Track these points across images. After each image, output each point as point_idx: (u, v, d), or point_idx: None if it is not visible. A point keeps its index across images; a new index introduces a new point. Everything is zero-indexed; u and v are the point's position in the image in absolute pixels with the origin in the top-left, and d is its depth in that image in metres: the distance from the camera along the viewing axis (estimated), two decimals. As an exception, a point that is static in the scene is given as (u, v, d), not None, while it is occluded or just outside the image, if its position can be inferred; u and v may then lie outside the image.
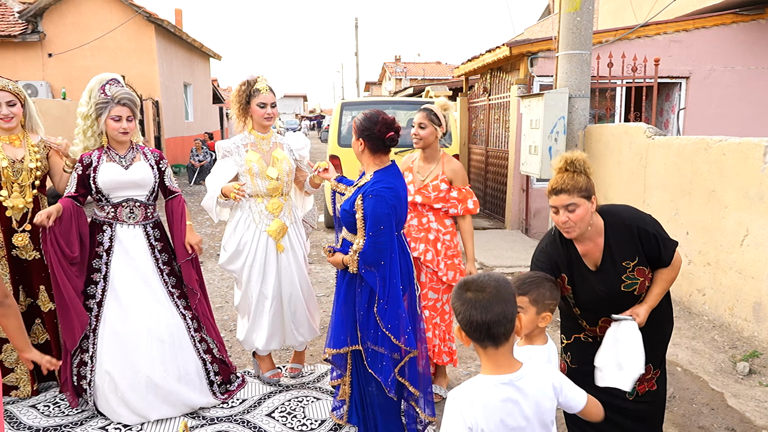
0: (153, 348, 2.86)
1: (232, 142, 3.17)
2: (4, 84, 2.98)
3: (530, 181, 7.49)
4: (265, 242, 3.14)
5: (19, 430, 2.81)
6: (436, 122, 3.06)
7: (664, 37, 7.27)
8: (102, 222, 2.97)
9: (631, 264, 2.15)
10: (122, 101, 2.89)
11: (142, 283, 2.94)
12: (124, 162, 2.96)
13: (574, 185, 2.04)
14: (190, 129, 16.82)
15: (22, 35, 12.78)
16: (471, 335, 1.52)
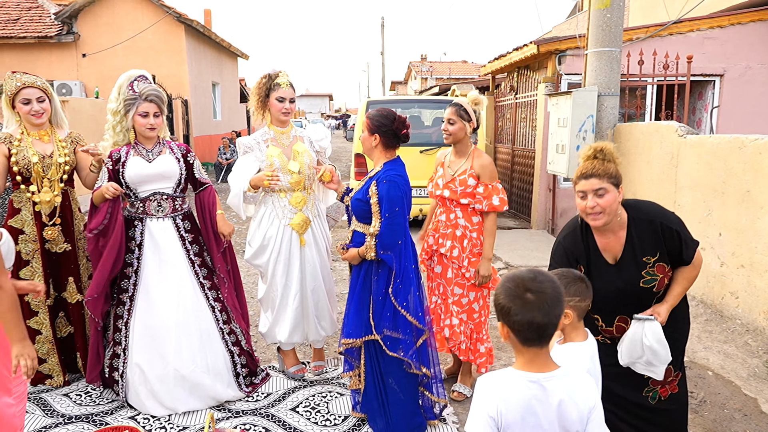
0: (182, 341, 2.92)
1: (252, 138, 3.21)
2: (34, 80, 3.06)
3: (557, 180, 7.40)
4: (289, 236, 3.17)
5: (53, 417, 2.90)
6: (465, 118, 3.03)
7: (697, 33, 7.09)
8: (133, 218, 3.02)
9: (652, 260, 2.12)
10: (149, 97, 2.94)
11: (173, 276, 2.99)
12: (150, 156, 3.01)
13: (605, 170, 2.05)
14: (218, 127, 17.07)
15: (58, 36, 13.14)
16: (522, 335, 1.47)
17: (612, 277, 2.16)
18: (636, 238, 2.12)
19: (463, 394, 3.15)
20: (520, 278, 1.48)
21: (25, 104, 3.02)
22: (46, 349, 3.16)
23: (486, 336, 3.16)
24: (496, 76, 10.64)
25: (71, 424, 2.83)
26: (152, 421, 2.86)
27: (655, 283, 2.14)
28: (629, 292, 2.15)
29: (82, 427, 2.80)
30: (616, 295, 2.17)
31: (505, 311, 1.47)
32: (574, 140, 5.59)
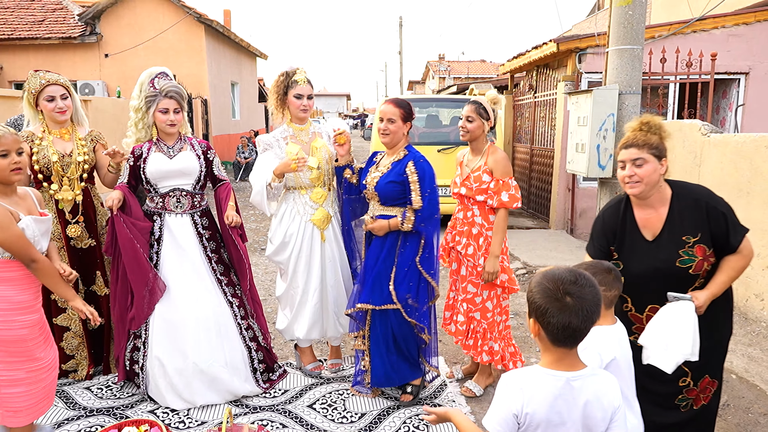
0: (200, 335, 2.94)
1: (271, 135, 3.23)
2: (57, 78, 3.10)
3: (576, 180, 7.31)
4: (310, 232, 3.19)
5: (75, 409, 2.95)
6: (484, 116, 3.03)
7: (722, 31, 6.95)
8: (152, 212, 3.06)
9: (692, 240, 2.06)
10: (169, 94, 2.97)
11: (191, 271, 3.02)
12: (171, 152, 3.04)
13: (646, 141, 2.07)
14: (236, 127, 17.22)
15: (81, 37, 13.38)
16: (554, 336, 1.44)
17: (648, 254, 2.12)
18: (677, 215, 2.09)
19: (472, 392, 3.14)
20: (561, 280, 1.43)
21: (50, 101, 3.06)
22: (75, 344, 3.22)
23: (501, 336, 3.12)
24: (514, 75, 10.56)
25: (92, 417, 2.87)
26: (171, 415, 2.90)
27: (692, 265, 2.07)
28: (664, 272, 2.09)
29: (103, 420, 2.84)
30: (650, 274, 2.12)
31: (540, 311, 1.44)
32: (594, 139, 5.52)
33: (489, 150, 3.06)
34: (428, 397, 3.12)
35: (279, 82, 3.16)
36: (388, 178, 2.89)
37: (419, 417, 2.89)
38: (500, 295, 3.11)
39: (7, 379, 2.28)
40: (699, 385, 2.22)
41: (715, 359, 2.20)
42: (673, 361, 2.01)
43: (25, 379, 2.31)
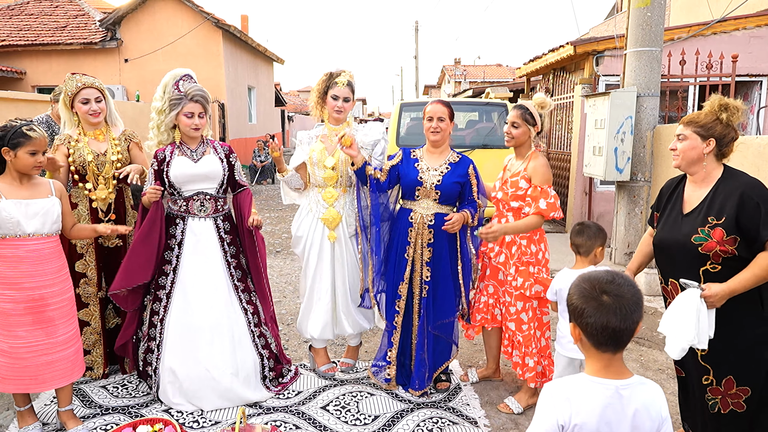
0: (213, 342, 2.94)
1: (308, 133, 3.33)
2: (92, 81, 3.18)
3: (593, 183, 7.24)
4: (321, 230, 3.23)
5: (91, 407, 2.98)
6: (530, 122, 2.93)
7: (743, 32, 6.85)
8: (175, 215, 3.05)
9: (715, 221, 2.10)
10: (195, 98, 2.96)
11: (209, 276, 3.01)
12: (195, 156, 3.03)
13: (693, 120, 2.21)
14: (253, 131, 17.36)
15: (102, 42, 13.62)
16: (596, 339, 1.40)
17: (675, 225, 2.25)
18: (714, 197, 2.15)
19: (510, 409, 3.01)
20: (597, 279, 1.41)
21: (84, 104, 3.14)
22: (93, 340, 3.26)
23: (541, 352, 2.97)
24: (530, 79, 10.50)
25: (108, 415, 2.90)
26: (185, 414, 2.91)
27: (702, 243, 2.11)
28: (680, 245, 2.20)
29: (118, 418, 2.86)
30: (669, 245, 2.26)
31: (578, 312, 1.41)
32: (611, 142, 5.46)
33: (531, 156, 2.95)
34: (442, 401, 3.09)
35: (321, 82, 3.22)
36: (452, 178, 2.97)
37: (432, 419, 2.87)
38: (536, 308, 2.95)
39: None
40: (723, 386, 2.18)
41: (743, 363, 2.14)
42: (677, 347, 2.05)
43: (8, 352, 2.49)
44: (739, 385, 2.16)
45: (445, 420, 2.88)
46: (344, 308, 3.31)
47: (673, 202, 2.31)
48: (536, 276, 2.94)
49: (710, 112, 2.20)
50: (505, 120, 8.06)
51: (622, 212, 5.73)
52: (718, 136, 2.16)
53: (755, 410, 2.16)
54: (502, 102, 7.80)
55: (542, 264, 2.96)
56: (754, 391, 2.15)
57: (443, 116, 2.98)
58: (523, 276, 2.94)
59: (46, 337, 2.53)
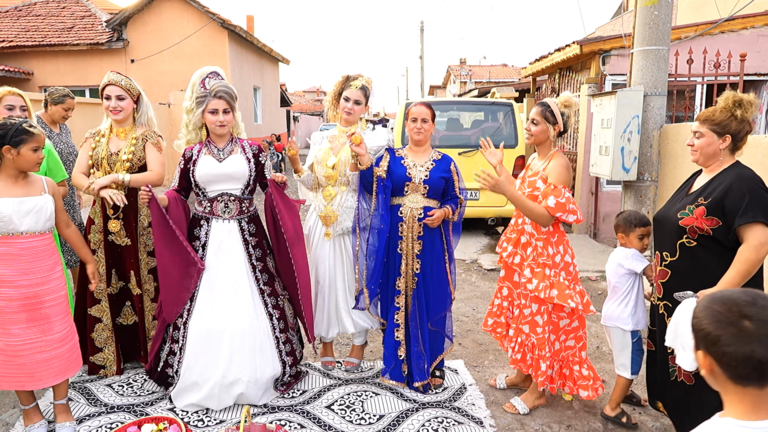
0: (234, 348, 2.88)
1: (321, 134, 3.41)
2: (118, 79, 3.20)
3: (600, 183, 7.20)
4: (320, 228, 3.30)
5: (96, 406, 2.98)
6: (550, 120, 2.87)
7: (751, 31, 6.79)
8: (200, 217, 3.03)
9: (701, 202, 2.28)
10: (218, 94, 2.91)
11: (233, 280, 2.96)
12: (222, 155, 2.99)
13: (709, 117, 2.31)
14: (258, 131, 17.39)
15: (109, 43, 13.67)
16: (735, 371, 1.17)
17: (673, 202, 2.46)
18: (712, 181, 2.31)
19: (516, 409, 2.99)
20: (733, 301, 1.21)
21: (106, 99, 3.20)
22: (105, 337, 3.27)
23: (556, 356, 2.92)
24: (536, 78, 10.47)
25: (113, 414, 2.90)
26: (190, 413, 2.91)
27: (684, 218, 2.31)
28: (667, 219, 2.42)
29: (123, 417, 2.86)
30: (660, 219, 2.49)
31: (710, 340, 1.20)
32: (618, 141, 5.42)
33: (552, 156, 2.89)
34: (447, 400, 3.08)
35: (338, 83, 3.31)
36: (438, 173, 3.11)
37: (438, 418, 2.86)
38: (551, 312, 2.87)
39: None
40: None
41: None
42: (688, 358, 2.06)
43: (3, 349, 2.49)
44: None
45: (450, 420, 2.86)
46: (345, 307, 3.33)
47: (684, 185, 2.51)
48: (552, 279, 2.83)
49: (725, 109, 2.29)
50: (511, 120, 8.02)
51: (629, 212, 5.70)
52: (734, 132, 2.29)
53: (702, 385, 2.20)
54: (507, 102, 7.78)
55: (560, 267, 2.85)
56: None
57: (426, 117, 3.13)
58: (538, 278, 2.84)
59: (42, 335, 2.53)
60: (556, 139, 2.93)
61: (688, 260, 2.35)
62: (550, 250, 2.85)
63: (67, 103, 4.18)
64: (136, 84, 3.29)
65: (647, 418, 2.93)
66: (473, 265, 6.21)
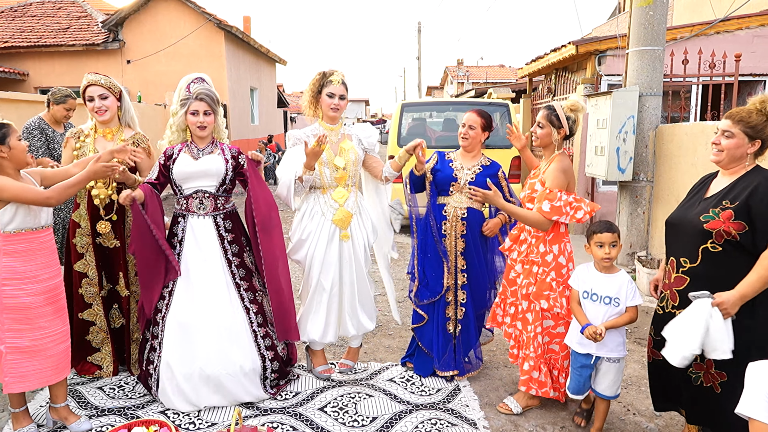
0: (212, 340, 2.92)
1: (303, 131, 3.28)
2: (99, 79, 3.18)
3: (596, 183, 7.20)
4: (328, 231, 3.20)
5: (87, 409, 2.96)
6: (555, 124, 2.87)
7: (746, 32, 6.81)
8: (178, 214, 3.08)
9: (727, 205, 2.15)
10: (199, 96, 2.98)
11: (210, 275, 3.00)
12: (200, 154, 3.04)
13: (743, 118, 2.17)
14: (255, 132, 17.36)
15: (104, 43, 13.63)
16: None
17: (691, 205, 2.32)
18: (736, 185, 2.20)
19: (509, 408, 2.97)
20: None
21: (89, 101, 3.17)
22: (101, 339, 3.26)
23: (535, 355, 2.87)
24: (533, 79, 10.47)
25: (103, 417, 2.88)
26: (182, 416, 2.88)
27: (709, 221, 2.17)
28: (687, 223, 2.27)
29: (113, 420, 2.84)
30: (676, 222, 2.34)
31: None
32: (613, 142, 5.42)
33: (552, 159, 2.89)
34: (441, 402, 3.06)
35: (315, 81, 3.23)
36: (484, 177, 3.16)
37: (431, 420, 2.84)
38: (539, 311, 2.86)
39: (13, 347, 2.51)
40: (706, 362, 2.25)
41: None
42: (679, 354, 2.09)
43: (30, 348, 2.52)
44: (717, 368, 2.22)
45: (444, 421, 2.85)
46: (350, 309, 3.30)
47: (698, 189, 2.38)
48: (538, 277, 2.85)
49: (761, 112, 2.16)
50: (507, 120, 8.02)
51: (625, 212, 5.69)
52: (766, 138, 2.17)
53: (727, 393, 2.20)
54: (503, 102, 7.77)
55: (550, 267, 2.84)
56: (729, 376, 2.20)
57: (474, 125, 3.21)
58: (524, 274, 2.92)
59: (63, 325, 2.65)
60: (560, 142, 2.92)
61: (710, 266, 2.20)
62: (542, 248, 2.87)
63: (68, 103, 4.28)
64: (116, 82, 3.27)
65: (641, 419, 2.92)
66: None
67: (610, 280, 2.63)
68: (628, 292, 2.59)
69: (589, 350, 2.63)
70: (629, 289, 2.59)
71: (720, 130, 2.23)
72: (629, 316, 2.59)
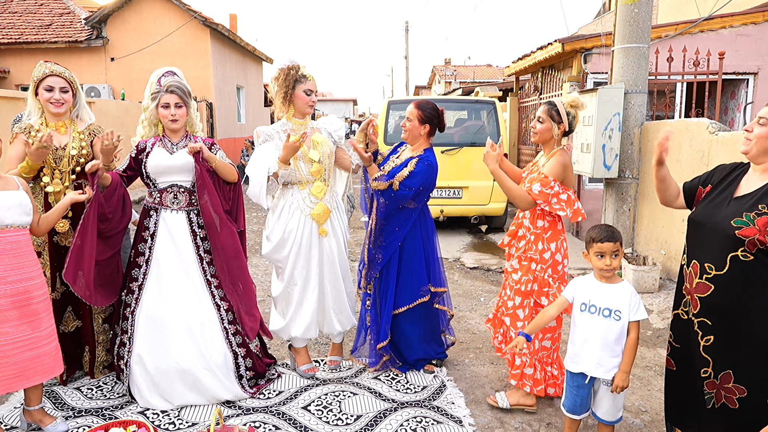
0: (183, 335, 2.88)
1: (272, 128, 3.20)
2: (62, 71, 3.08)
3: (582, 181, 7.21)
4: (309, 227, 3.17)
5: (63, 410, 2.88)
6: (555, 119, 2.85)
7: (730, 30, 6.85)
8: (150, 207, 3.03)
9: (764, 210, 1.95)
10: (170, 89, 2.95)
11: (181, 270, 2.96)
12: (174, 148, 3.00)
13: None
14: (242, 130, 17.22)
15: (88, 41, 13.45)
16: None
17: (719, 205, 2.09)
18: None
19: (496, 401, 2.93)
20: None
21: (48, 91, 3.02)
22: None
23: (528, 351, 2.84)
24: (519, 77, 10.48)
25: (80, 418, 2.80)
26: (161, 416, 2.82)
27: (742, 226, 1.95)
28: (718, 225, 2.04)
29: (90, 421, 2.77)
30: (702, 222, 2.12)
31: None
32: (599, 139, 5.42)
33: (553, 153, 2.87)
34: (426, 399, 3.03)
35: (286, 76, 3.12)
36: (398, 169, 3.14)
37: (416, 418, 2.81)
38: (533, 307, 2.84)
39: None
40: (720, 379, 2.06)
41: (746, 360, 2.01)
42: None
43: None
44: (736, 382, 2.03)
45: (429, 419, 2.81)
46: (335, 305, 3.27)
47: (727, 184, 2.13)
48: (536, 274, 2.83)
49: None
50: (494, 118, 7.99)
51: (611, 210, 5.70)
52: None
53: (746, 408, 2.03)
54: (490, 100, 7.76)
55: (548, 264, 2.83)
56: (750, 391, 2.01)
57: (411, 117, 3.17)
58: (522, 271, 2.90)
59: (32, 331, 2.48)
60: (560, 138, 2.90)
61: (738, 276, 1.98)
62: (540, 245, 2.86)
63: None
64: (74, 77, 3.16)
65: (627, 414, 2.91)
66: (456, 264, 6.18)
67: (612, 290, 2.36)
68: (632, 305, 2.31)
69: (583, 370, 2.39)
70: (633, 302, 2.31)
71: (757, 117, 2.04)
72: (635, 339, 2.32)
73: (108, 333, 3.21)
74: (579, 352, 2.41)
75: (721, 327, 2.02)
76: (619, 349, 2.35)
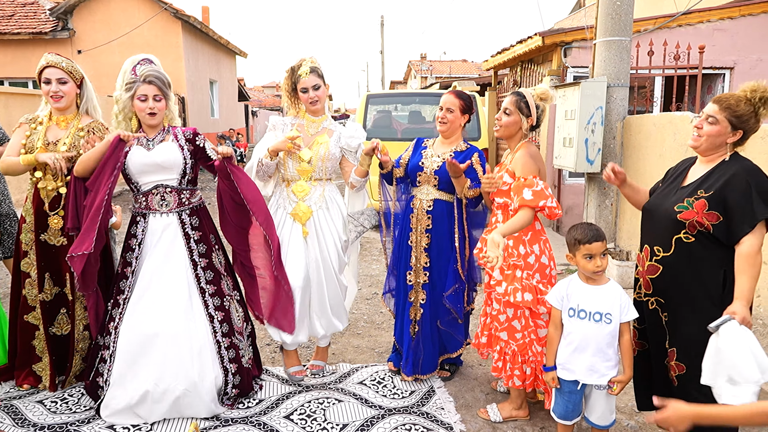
0: (169, 353, 2.64)
1: (282, 119, 3.15)
2: (59, 61, 2.88)
3: (563, 176, 7.18)
4: (290, 226, 3.03)
5: (24, 427, 2.66)
6: (524, 111, 2.66)
7: (707, 25, 6.88)
8: (136, 213, 2.81)
9: (702, 194, 2.07)
10: (148, 79, 2.70)
11: (170, 280, 2.72)
12: (151, 144, 2.77)
13: (731, 105, 2.05)
14: (215, 125, 16.86)
15: (53, 32, 12.96)
16: None
17: (667, 194, 2.23)
18: (712, 174, 2.10)
19: (488, 415, 2.79)
20: None
21: (46, 83, 2.86)
22: (41, 347, 2.96)
23: (535, 357, 2.66)
24: (498, 72, 10.43)
25: (44, 434, 2.60)
26: (133, 430, 2.63)
27: (683, 212, 2.09)
28: (662, 211, 2.19)
29: (55, 438, 2.57)
30: (652, 210, 2.27)
31: None
32: (582, 133, 5.36)
33: (518, 147, 2.69)
34: (414, 405, 2.90)
35: (286, 80, 3.09)
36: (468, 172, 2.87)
37: (405, 426, 2.67)
38: (528, 317, 2.64)
39: None
40: (668, 355, 2.21)
41: (686, 337, 2.14)
42: (750, 392, 1.77)
43: None
44: (678, 359, 2.16)
45: (418, 426, 2.69)
46: (318, 309, 3.12)
47: (677, 176, 2.27)
48: (525, 282, 2.59)
49: (749, 102, 2.04)
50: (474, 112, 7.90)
51: (593, 204, 5.66)
52: (748, 129, 2.07)
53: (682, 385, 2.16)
54: (470, 94, 7.66)
55: (534, 269, 2.61)
56: (689, 368, 2.12)
57: (452, 107, 2.94)
58: (507, 281, 2.61)
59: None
60: (528, 132, 2.72)
61: (683, 257, 2.12)
62: (522, 249, 2.63)
63: None
64: (78, 67, 2.97)
65: (622, 416, 2.83)
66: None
67: (600, 293, 2.28)
68: (622, 306, 2.26)
69: (575, 377, 2.32)
70: (623, 303, 2.26)
71: (705, 115, 2.11)
72: (629, 341, 2.28)
73: (87, 341, 3.01)
74: (570, 359, 2.33)
75: (670, 305, 2.17)
76: (611, 352, 2.29)
